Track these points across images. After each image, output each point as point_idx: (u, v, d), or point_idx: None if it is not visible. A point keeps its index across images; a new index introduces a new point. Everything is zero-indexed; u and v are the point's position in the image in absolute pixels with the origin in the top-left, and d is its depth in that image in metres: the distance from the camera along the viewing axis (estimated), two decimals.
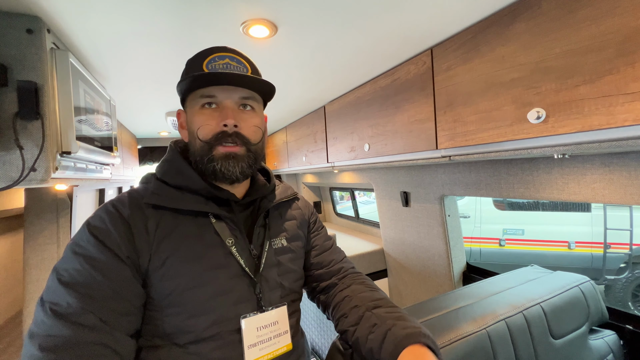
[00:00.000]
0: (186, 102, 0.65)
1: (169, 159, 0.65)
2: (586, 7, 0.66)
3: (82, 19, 0.79)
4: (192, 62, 0.63)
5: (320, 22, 0.86)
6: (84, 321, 0.47)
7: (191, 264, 0.56)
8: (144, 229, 0.55)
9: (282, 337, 0.63)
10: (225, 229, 0.62)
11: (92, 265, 0.50)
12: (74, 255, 0.51)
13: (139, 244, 0.54)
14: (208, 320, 0.56)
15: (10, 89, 0.71)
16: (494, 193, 1.20)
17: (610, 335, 0.93)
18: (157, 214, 0.57)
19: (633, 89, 0.60)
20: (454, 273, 1.50)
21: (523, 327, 0.76)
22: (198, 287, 0.56)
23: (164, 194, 0.59)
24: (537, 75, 0.75)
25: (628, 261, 3.56)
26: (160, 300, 0.55)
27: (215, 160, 0.59)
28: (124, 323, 0.51)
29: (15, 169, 0.72)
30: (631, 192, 0.84)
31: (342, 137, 1.64)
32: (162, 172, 0.63)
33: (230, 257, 0.60)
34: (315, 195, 3.26)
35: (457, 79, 0.95)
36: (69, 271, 0.50)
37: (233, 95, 0.61)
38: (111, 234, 0.53)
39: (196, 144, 0.61)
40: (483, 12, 0.84)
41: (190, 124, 0.62)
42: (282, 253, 0.69)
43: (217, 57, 0.61)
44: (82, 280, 0.49)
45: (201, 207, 0.60)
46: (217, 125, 0.59)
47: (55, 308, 0.47)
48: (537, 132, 0.76)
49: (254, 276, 0.62)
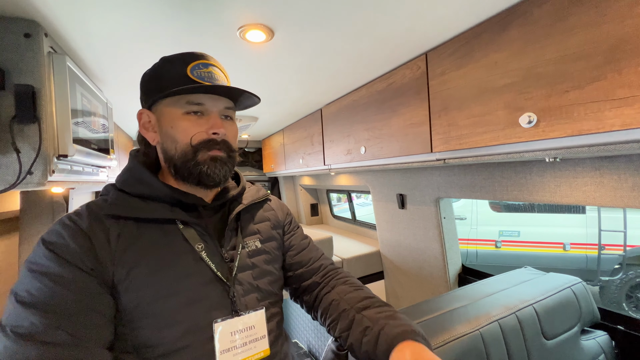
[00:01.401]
0: (158, 103, 0.61)
1: (129, 168, 0.63)
2: (576, 15, 0.67)
3: (79, 23, 0.80)
4: (170, 64, 0.61)
5: (316, 27, 0.87)
6: (51, 339, 0.43)
7: (159, 273, 0.54)
8: (105, 241, 0.53)
9: (259, 342, 0.61)
10: (194, 234, 0.60)
11: (53, 281, 0.47)
12: (32, 274, 0.48)
13: (101, 256, 0.52)
14: (180, 330, 0.54)
15: (8, 92, 0.71)
16: (489, 195, 1.22)
17: (602, 336, 0.94)
18: (118, 224, 0.55)
19: (620, 95, 0.61)
20: (449, 275, 1.51)
21: (516, 328, 0.77)
22: (168, 296, 0.54)
23: (124, 203, 0.57)
24: (528, 80, 0.77)
25: (622, 262, 3.59)
26: (128, 313, 0.52)
27: (201, 163, 0.59)
28: (96, 335, 0.48)
29: (12, 172, 0.72)
30: (621, 194, 0.85)
31: (338, 140, 1.65)
32: (121, 181, 0.61)
33: (201, 263, 0.59)
34: (312, 198, 3.27)
35: (452, 84, 0.97)
36: (29, 291, 0.46)
37: (219, 105, 0.62)
38: (70, 247, 0.50)
39: (176, 148, 0.59)
40: (477, 19, 0.86)
41: (170, 129, 0.60)
42: (256, 255, 0.68)
43: (200, 65, 0.60)
44: (44, 297, 0.46)
45: (166, 215, 0.58)
46: (205, 133, 0.59)
47: (17, 330, 0.43)
48: (529, 137, 0.77)
49: (227, 280, 0.60)
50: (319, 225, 3.22)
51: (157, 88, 0.60)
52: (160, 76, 0.61)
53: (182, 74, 0.59)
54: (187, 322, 0.55)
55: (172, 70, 0.60)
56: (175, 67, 0.60)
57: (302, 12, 0.79)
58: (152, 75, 0.62)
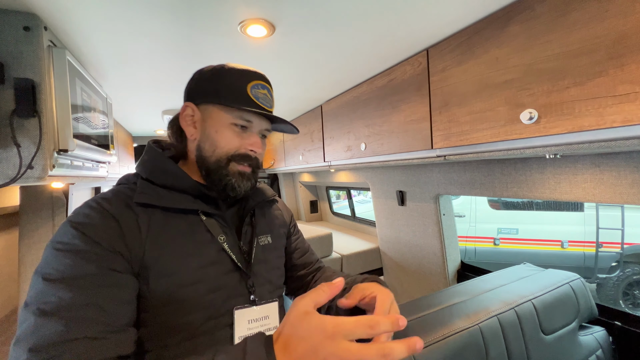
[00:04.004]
0: (209, 104, 0.64)
1: (152, 158, 0.64)
2: (577, 10, 0.67)
3: (79, 17, 0.79)
4: (234, 75, 0.63)
5: (317, 22, 0.87)
6: (80, 313, 0.43)
7: (185, 260, 0.57)
8: (135, 227, 0.54)
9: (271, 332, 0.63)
10: (216, 225, 0.63)
11: (82, 258, 0.47)
12: (58, 252, 0.48)
13: (129, 241, 0.52)
14: (203, 316, 0.56)
15: (7, 86, 0.71)
16: (488, 192, 1.22)
17: (599, 331, 0.95)
18: (146, 212, 0.57)
19: (621, 91, 0.61)
20: (448, 271, 1.52)
21: (514, 323, 0.77)
22: (193, 283, 0.56)
23: (153, 192, 0.59)
24: (529, 76, 0.76)
25: (619, 260, 3.62)
26: (154, 298, 0.53)
27: (230, 175, 0.63)
28: (124, 311, 0.49)
29: (12, 167, 0.72)
30: (620, 191, 0.86)
31: (338, 136, 1.65)
32: (148, 171, 0.62)
33: (223, 253, 0.62)
34: (312, 194, 3.27)
35: (452, 80, 0.97)
36: (55, 268, 0.46)
37: (263, 125, 0.66)
38: (98, 227, 0.51)
39: (214, 152, 0.63)
40: (478, 14, 0.86)
41: (214, 132, 0.63)
42: (268, 250, 0.71)
43: (259, 85, 0.64)
44: (72, 272, 0.46)
45: (191, 205, 0.60)
46: (243, 147, 0.64)
47: (43, 307, 0.43)
48: (530, 133, 0.77)
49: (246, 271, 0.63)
50: (318, 222, 3.23)
51: (214, 91, 0.63)
52: (221, 82, 0.63)
53: (243, 89, 0.62)
54: (210, 308, 0.57)
55: (234, 82, 0.63)
56: (237, 80, 0.63)
57: (303, 7, 0.79)
58: (212, 77, 0.64)
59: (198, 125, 0.65)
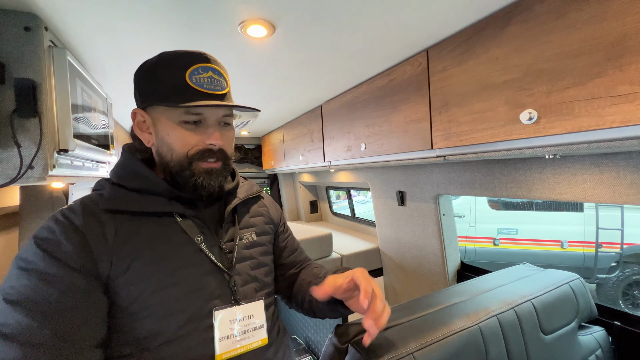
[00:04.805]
0: (155, 106, 0.59)
1: (124, 162, 0.62)
2: (577, 11, 0.67)
3: (79, 17, 0.79)
4: (169, 65, 0.58)
5: (317, 23, 0.87)
6: (36, 339, 0.43)
7: (159, 264, 0.55)
8: (101, 236, 0.52)
9: (257, 331, 0.63)
10: (193, 226, 0.61)
11: (41, 280, 0.46)
12: (20, 272, 0.47)
13: (96, 252, 0.51)
14: (181, 319, 0.55)
15: (8, 86, 0.71)
16: (488, 192, 1.22)
17: (599, 331, 0.95)
18: (114, 219, 0.55)
19: (620, 92, 0.61)
20: (448, 271, 1.52)
21: (514, 322, 0.77)
22: (169, 286, 0.55)
23: (121, 197, 0.57)
24: (529, 77, 0.77)
25: (619, 260, 3.62)
26: (128, 305, 0.52)
27: (196, 175, 0.59)
28: (85, 334, 0.48)
29: (13, 167, 0.72)
30: (620, 191, 0.86)
31: (338, 136, 1.65)
32: (118, 176, 0.60)
33: (201, 254, 0.60)
34: (312, 194, 3.27)
35: (452, 80, 0.97)
36: (15, 288, 0.45)
37: (218, 113, 0.61)
38: (61, 244, 0.49)
39: (172, 156, 0.59)
40: (478, 15, 0.86)
41: (165, 136, 0.59)
42: (252, 247, 0.70)
43: (200, 69, 0.58)
44: (31, 295, 0.45)
45: (164, 208, 0.58)
46: (201, 142, 0.59)
47: (3, 329, 0.43)
48: (529, 133, 0.77)
49: (228, 270, 0.62)
50: (318, 222, 3.23)
51: (153, 91, 0.59)
52: (156, 78, 0.59)
53: (181, 80, 0.56)
54: (188, 311, 0.56)
55: (170, 75, 0.57)
56: (173, 71, 0.57)
57: (304, 7, 0.79)
58: (147, 74, 0.60)
59: (152, 130, 0.61)
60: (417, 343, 0.64)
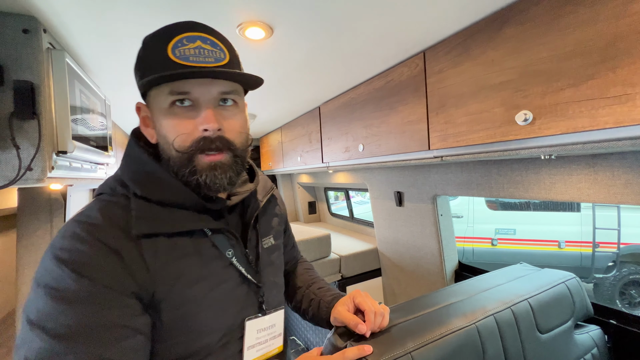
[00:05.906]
0: (149, 95, 0.52)
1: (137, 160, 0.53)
2: (572, 13, 0.68)
3: (78, 19, 0.79)
4: (151, 43, 0.50)
5: (315, 25, 0.88)
6: None
7: (197, 286, 0.51)
8: (139, 260, 0.46)
9: (276, 339, 0.64)
10: (223, 239, 0.56)
11: (87, 305, 0.41)
12: (58, 303, 0.40)
13: (137, 278, 0.46)
14: (220, 334, 0.54)
15: (7, 88, 0.71)
16: (485, 193, 1.23)
17: (594, 330, 0.96)
18: (150, 240, 0.48)
19: (613, 93, 0.62)
20: (446, 271, 1.53)
21: (511, 322, 0.78)
22: (208, 307, 0.52)
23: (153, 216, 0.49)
24: (524, 78, 0.78)
25: (616, 260, 3.64)
26: (170, 329, 0.49)
27: (198, 172, 0.50)
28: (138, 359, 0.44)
29: (12, 169, 0.72)
30: (614, 191, 0.87)
31: (336, 137, 1.66)
32: (141, 186, 0.50)
33: (231, 268, 0.56)
34: (310, 195, 3.27)
35: (449, 82, 0.98)
36: (61, 323, 0.40)
37: (212, 90, 0.49)
38: (98, 268, 0.43)
39: (171, 153, 0.50)
40: (474, 17, 0.87)
41: (160, 127, 0.51)
42: (272, 251, 0.67)
43: (185, 40, 0.48)
44: (76, 328, 0.40)
45: (198, 225, 0.52)
46: (196, 129, 0.49)
47: None
48: (525, 134, 0.78)
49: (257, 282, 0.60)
50: (316, 223, 3.23)
51: (141, 74, 0.50)
52: (142, 59, 0.51)
53: (163, 55, 0.47)
54: (224, 327, 0.55)
55: (152, 50, 0.49)
56: (155, 47, 0.49)
57: (302, 9, 0.80)
58: (137, 58, 0.52)
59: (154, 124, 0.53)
60: (415, 342, 0.64)
